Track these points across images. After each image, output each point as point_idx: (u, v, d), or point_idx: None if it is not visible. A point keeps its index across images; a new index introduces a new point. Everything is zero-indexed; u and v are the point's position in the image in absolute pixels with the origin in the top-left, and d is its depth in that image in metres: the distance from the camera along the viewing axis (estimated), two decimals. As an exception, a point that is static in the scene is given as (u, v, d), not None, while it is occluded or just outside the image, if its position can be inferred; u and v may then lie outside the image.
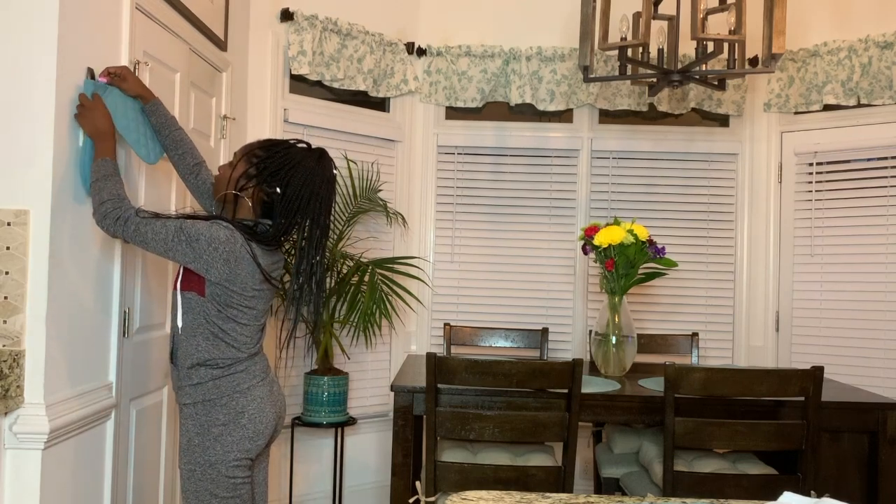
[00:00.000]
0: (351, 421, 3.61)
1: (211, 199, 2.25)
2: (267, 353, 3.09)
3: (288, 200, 2.01)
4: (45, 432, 1.85)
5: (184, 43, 2.72)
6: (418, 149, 4.18)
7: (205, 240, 1.89)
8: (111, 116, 2.06)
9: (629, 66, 3.13)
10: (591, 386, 2.89)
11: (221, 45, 3.14)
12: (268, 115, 3.63)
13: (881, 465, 2.77)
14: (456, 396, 2.78)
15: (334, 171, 2.11)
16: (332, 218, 2.10)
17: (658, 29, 3.26)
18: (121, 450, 2.30)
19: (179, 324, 1.99)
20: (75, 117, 2.02)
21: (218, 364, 1.98)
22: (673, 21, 3.16)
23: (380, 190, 3.87)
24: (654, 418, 2.79)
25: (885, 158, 3.77)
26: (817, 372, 2.57)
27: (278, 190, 2.00)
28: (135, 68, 2.31)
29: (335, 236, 3.64)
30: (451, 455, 2.84)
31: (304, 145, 2.09)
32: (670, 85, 3.10)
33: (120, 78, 2.16)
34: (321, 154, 2.08)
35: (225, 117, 3.21)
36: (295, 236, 2.06)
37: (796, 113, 4.04)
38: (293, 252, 2.11)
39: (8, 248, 1.89)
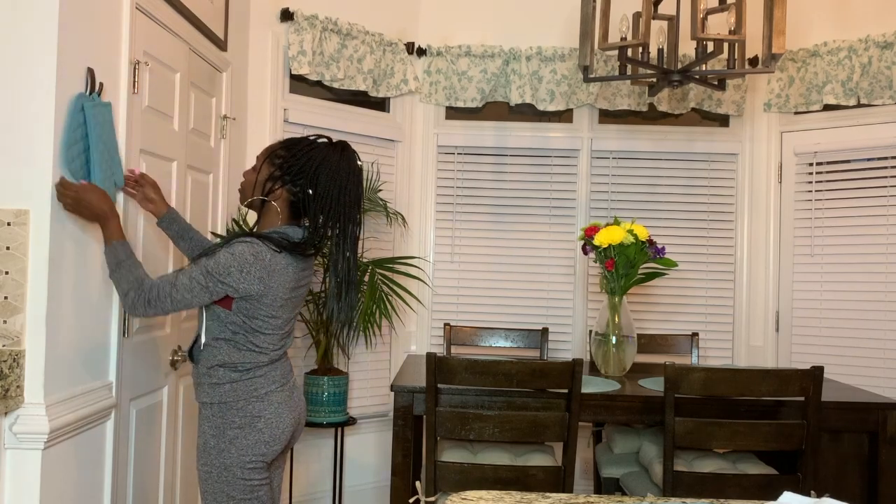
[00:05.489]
0: (351, 421, 3.61)
1: None
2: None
3: (319, 199, 1.98)
4: (45, 432, 1.85)
5: (184, 43, 2.72)
6: (418, 149, 4.18)
7: (235, 269, 1.88)
8: (107, 195, 1.97)
9: (629, 66, 3.14)
10: (591, 386, 2.89)
11: (221, 45, 3.14)
12: (268, 115, 3.63)
13: (881, 465, 2.77)
14: (456, 396, 2.78)
15: (359, 163, 2.06)
16: (361, 211, 2.06)
17: (658, 29, 3.26)
18: (121, 450, 2.30)
19: (203, 332, 2.00)
20: (66, 208, 1.92)
21: (237, 367, 1.98)
22: (673, 21, 3.16)
23: (380, 190, 3.87)
24: (654, 418, 2.79)
25: (885, 158, 3.77)
26: (817, 372, 2.57)
27: (310, 191, 1.97)
28: (135, 68, 2.31)
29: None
30: (451, 455, 2.84)
31: (325, 140, 2.05)
32: (670, 85, 3.10)
33: (140, 185, 2.20)
34: (344, 147, 2.04)
35: (225, 117, 3.21)
36: (329, 233, 2.02)
37: (796, 113, 4.04)
38: (325, 252, 2.08)
39: (8, 248, 1.88)
